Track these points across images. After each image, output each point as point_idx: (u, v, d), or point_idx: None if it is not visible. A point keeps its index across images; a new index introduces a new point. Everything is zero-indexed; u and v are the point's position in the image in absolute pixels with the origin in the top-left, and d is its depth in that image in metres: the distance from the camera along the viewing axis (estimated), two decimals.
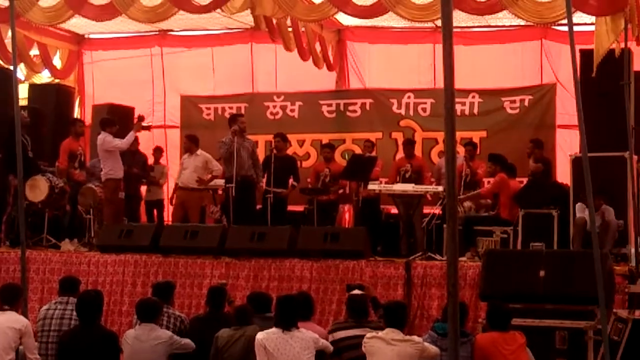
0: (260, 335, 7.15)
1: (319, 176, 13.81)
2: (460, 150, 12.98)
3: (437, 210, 11.62)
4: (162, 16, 12.47)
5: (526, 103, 14.63)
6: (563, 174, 12.46)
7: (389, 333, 7.06)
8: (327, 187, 13.58)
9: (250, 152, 12.43)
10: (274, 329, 7.17)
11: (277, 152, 13.08)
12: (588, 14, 11.18)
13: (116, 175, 12.40)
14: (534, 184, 12.11)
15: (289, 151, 14.95)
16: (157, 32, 16.46)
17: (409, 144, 13.79)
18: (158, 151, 15.12)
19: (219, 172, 13.41)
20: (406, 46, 15.76)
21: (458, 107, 14.24)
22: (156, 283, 8.98)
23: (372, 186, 12.02)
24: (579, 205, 10.67)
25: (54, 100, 15.34)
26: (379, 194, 12.49)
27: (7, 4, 9.55)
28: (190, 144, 13.55)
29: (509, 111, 14.75)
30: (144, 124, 12.86)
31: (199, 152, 13.41)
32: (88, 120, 15.76)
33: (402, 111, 15.28)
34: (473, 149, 13.07)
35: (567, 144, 14.18)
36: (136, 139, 14.45)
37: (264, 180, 12.92)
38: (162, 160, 15.36)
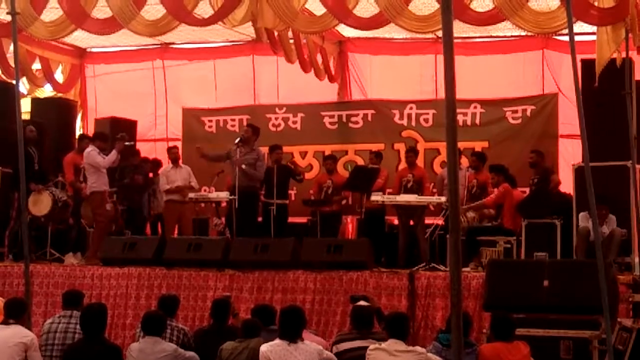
0: (264, 347, 7.14)
1: (322, 187, 13.80)
2: (464, 161, 12.97)
3: (440, 221, 11.61)
4: (164, 29, 12.50)
5: (528, 113, 14.62)
6: (566, 184, 12.46)
7: (392, 344, 7.04)
8: (329, 199, 13.58)
9: (251, 164, 12.45)
10: (278, 341, 7.16)
11: (278, 164, 13.10)
12: (589, 23, 11.19)
13: (100, 188, 12.32)
14: (537, 193, 12.10)
15: (291, 163, 14.98)
16: (159, 45, 16.51)
17: (411, 151, 13.76)
18: (157, 164, 15.10)
19: (196, 185, 13.42)
20: (408, 57, 15.78)
21: (460, 118, 14.24)
22: (163, 296, 8.98)
23: (375, 197, 12.03)
24: (583, 214, 10.65)
25: (56, 114, 15.39)
26: (382, 205, 12.48)
27: (9, 18, 9.55)
28: (178, 154, 13.59)
29: (511, 121, 14.74)
30: (126, 143, 12.74)
31: (182, 164, 13.45)
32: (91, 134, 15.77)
33: (404, 122, 15.27)
34: (478, 159, 13.00)
35: (570, 154, 14.17)
36: (137, 152, 14.52)
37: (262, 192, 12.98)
38: None
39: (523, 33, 12.94)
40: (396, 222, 13.49)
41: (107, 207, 12.45)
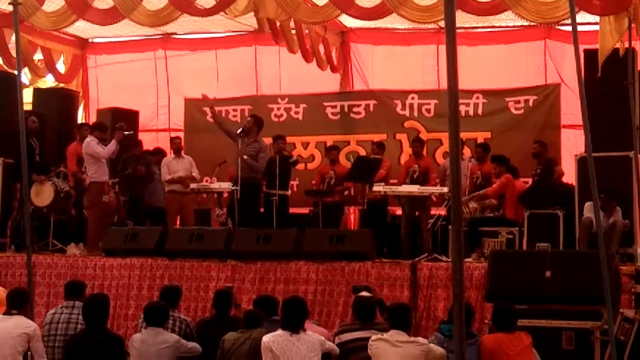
0: (266, 338, 7.15)
1: (324, 178, 13.79)
2: (466, 151, 12.95)
3: (442, 211, 11.61)
4: (166, 19, 12.49)
5: (530, 103, 14.61)
6: (568, 174, 12.45)
7: (394, 335, 7.04)
8: (332, 189, 13.56)
9: (253, 155, 12.44)
10: (280, 332, 7.17)
11: (280, 155, 13.09)
12: (592, 13, 11.17)
13: (100, 178, 12.27)
14: (539, 184, 12.10)
15: (294, 153, 14.97)
16: (160, 36, 16.49)
17: (417, 141, 13.73)
18: (163, 154, 15.09)
19: (198, 177, 13.38)
20: (410, 47, 15.75)
21: (462, 108, 14.24)
22: (165, 287, 8.98)
23: (377, 188, 12.02)
24: (588, 204, 10.61)
25: (58, 105, 15.37)
26: (385, 196, 12.48)
27: (11, 8, 9.54)
28: (180, 145, 13.55)
29: (514, 111, 14.73)
30: (125, 132, 12.70)
31: (184, 154, 13.41)
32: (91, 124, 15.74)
33: (407, 112, 15.27)
34: (483, 150, 13.00)
35: (572, 144, 14.17)
36: (140, 143, 14.51)
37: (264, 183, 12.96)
38: None
39: (525, 23, 12.93)
40: (398, 212, 13.50)
41: (104, 198, 12.37)
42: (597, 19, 11.24)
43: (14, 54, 12.65)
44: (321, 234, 11.32)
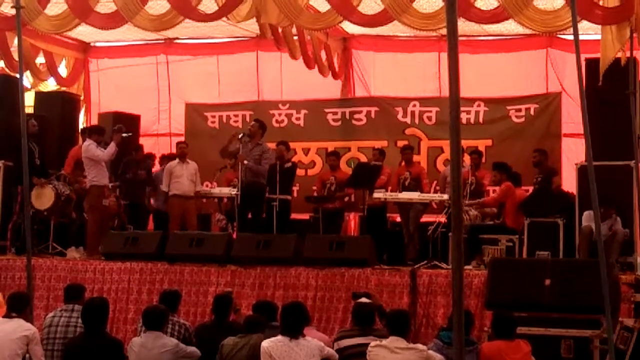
0: (265, 343, 7.14)
1: (325, 184, 13.79)
2: (467, 158, 12.97)
3: (442, 219, 11.61)
4: (168, 24, 12.49)
5: (532, 112, 14.62)
6: (569, 183, 12.45)
7: (393, 341, 7.05)
8: (332, 195, 13.57)
9: (256, 159, 12.43)
10: (279, 337, 7.16)
11: (282, 161, 13.07)
12: (594, 22, 11.17)
13: (100, 182, 12.31)
14: (540, 192, 12.10)
15: (295, 159, 14.97)
16: (162, 40, 16.49)
17: (407, 149, 13.78)
18: (164, 159, 15.09)
19: (199, 187, 13.31)
20: (411, 54, 15.76)
21: (463, 116, 14.23)
22: (164, 291, 8.99)
23: (377, 194, 12.03)
24: (587, 213, 10.63)
25: (60, 108, 15.36)
26: (384, 202, 12.49)
27: (13, 12, 9.56)
28: (186, 150, 13.53)
29: (515, 120, 14.75)
30: (124, 134, 12.66)
31: (189, 160, 13.40)
32: None
33: (408, 119, 15.28)
34: (479, 157, 13.06)
35: (573, 153, 14.18)
36: (141, 147, 14.52)
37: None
38: None
39: (527, 32, 12.95)
40: (398, 219, 13.52)
41: (104, 202, 12.37)
42: (599, 28, 11.26)
43: (16, 57, 12.68)
44: (321, 240, 11.33)
